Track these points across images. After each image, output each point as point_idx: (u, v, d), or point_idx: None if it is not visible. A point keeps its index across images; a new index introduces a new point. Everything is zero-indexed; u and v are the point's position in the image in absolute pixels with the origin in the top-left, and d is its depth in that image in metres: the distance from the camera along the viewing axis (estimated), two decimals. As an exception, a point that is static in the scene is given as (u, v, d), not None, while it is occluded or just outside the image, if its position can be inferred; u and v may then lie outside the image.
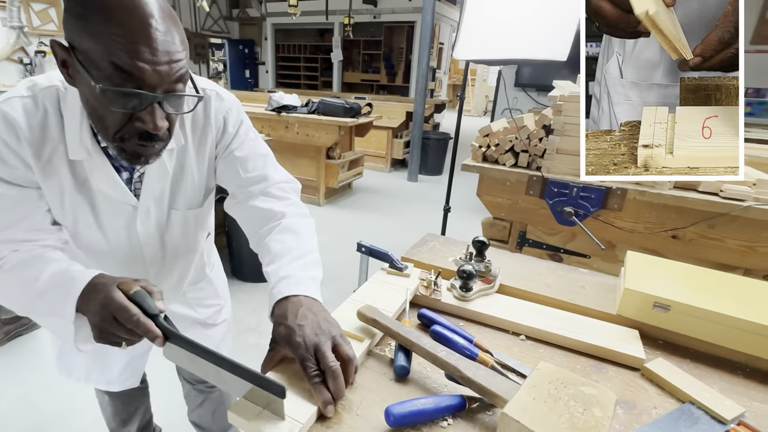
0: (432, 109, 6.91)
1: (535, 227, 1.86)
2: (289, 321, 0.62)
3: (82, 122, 0.70)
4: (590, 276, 1.00)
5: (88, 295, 0.62)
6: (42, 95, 0.69)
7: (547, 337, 0.78)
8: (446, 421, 0.58)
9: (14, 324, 1.99)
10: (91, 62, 0.57)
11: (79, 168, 0.73)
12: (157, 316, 0.60)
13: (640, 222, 1.59)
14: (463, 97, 2.59)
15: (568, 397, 0.52)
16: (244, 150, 0.87)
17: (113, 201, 0.78)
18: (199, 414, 1.22)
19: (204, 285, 1.08)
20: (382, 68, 10.33)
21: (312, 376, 0.57)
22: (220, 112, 0.84)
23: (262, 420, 0.54)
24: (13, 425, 1.57)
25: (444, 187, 2.90)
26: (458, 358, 0.62)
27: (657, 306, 0.77)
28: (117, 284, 0.61)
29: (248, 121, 0.90)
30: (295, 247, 0.77)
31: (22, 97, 0.68)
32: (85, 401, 1.68)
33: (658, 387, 0.68)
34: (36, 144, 0.69)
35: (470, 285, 0.88)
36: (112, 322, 0.59)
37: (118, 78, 0.56)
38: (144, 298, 0.60)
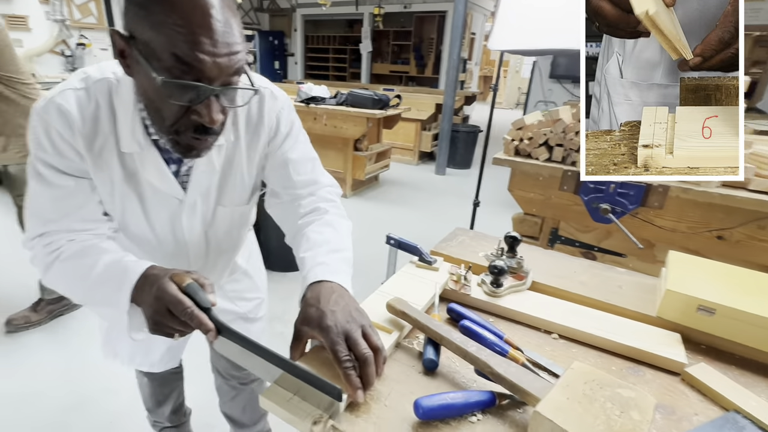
0: (462, 101, 6.79)
1: (568, 224, 1.81)
2: (321, 305, 0.63)
3: (134, 115, 0.70)
4: (628, 276, 0.96)
5: (142, 287, 0.64)
6: (95, 87, 0.70)
7: (580, 336, 0.76)
8: (475, 416, 0.57)
9: (57, 304, 2.11)
10: (151, 53, 0.57)
11: (128, 160, 0.74)
12: (210, 309, 0.61)
13: (682, 221, 1.52)
14: (496, 88, 2.53)
15: (605, 399, 0.50)
16: (296, 152, 0.87)
17: (161, 194, 0.78)
18: (230, 407, 1.25)
19: (240, 276, 1.09)
20: (411, 59, 10.21)
21: (343, 360, 0.57)
22: (274, 111, 0.83)
23: (293, 404, 0.56)
24: (53, 402, 1.67)
25: (472, 181, 2.86)
26: (489, 354, 0.62)
27: (701, 309, 0.74)
28: (170, 276, 0.63)
29: (299, 122, 0.90)
30: (333, 240, 0.78)
31: (76, 90, 0.69)
32: (122, 382, 1.77)
33: (699, 393, 0.65)
34: (88, 136, 0.70)
35: (501, 281, 0.86)
36: (166, 315, 0.60)
37: (178, 70, 0.56)
38: (196, 291, 0.61)
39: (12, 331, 2.03)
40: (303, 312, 0.64)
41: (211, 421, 1.62)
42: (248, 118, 0.81)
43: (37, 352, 1.94)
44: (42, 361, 1.89)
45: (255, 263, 1.15)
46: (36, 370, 1.83)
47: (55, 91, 0.69)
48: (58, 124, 0.67)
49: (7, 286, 2.37)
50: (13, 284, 2.38)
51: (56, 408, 1.65)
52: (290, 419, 0.55)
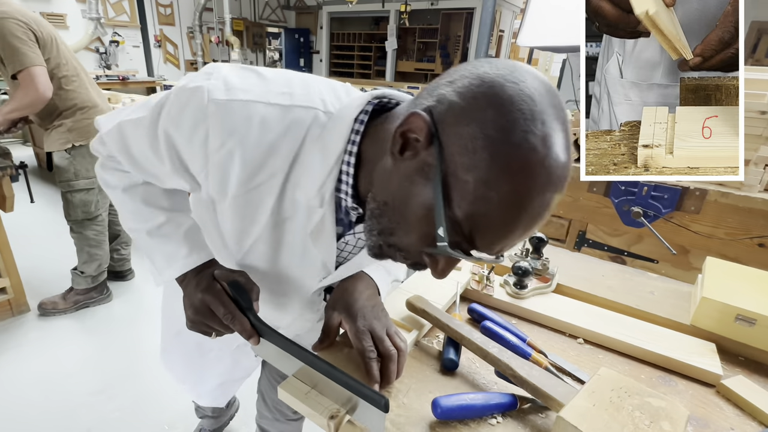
0: (488, 100, 6.69)
1: (597, 227, 1.75)
2: (355, 294, 0.63)
3: (334, 167, 0.53)
4: (660, 281, 0.92)
5: (191, 279, 0.62)
6: (295, 113, 0.53)
7: (608, 342, 0.73)
8: (495, 418, 0.56)
9: (84, 296, 2.21)
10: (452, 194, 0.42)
11: (288, 206, 0.58)
12: (251, 309, 0.58)
13: (720, 227, 1.44)
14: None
15: (633, 407, 0.48)
16: None
17: (309, 256, 0.64)
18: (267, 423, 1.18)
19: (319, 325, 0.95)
20: (437, 57, 10.12)
21: (367, 350, 0.57)
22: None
23: (311, 398, 0.56)
24: (78, 385, 1.75)
25: (498, 180, 2.80)
26: (511, 356, 0.60)
27: (740, 319, 0.70)
28: (216, 274, 0.60)
29: None
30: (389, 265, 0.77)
31: (271, 105, 0.52)
32: (144, 368, 1.84)
33: (736, 407, 0.61)
34: (253, 166, 0.53)
35: (525, 282, 0.84)
36: (207, 314, 0.58)
37: (463, 243, 0.44)
38: (240, 289, 0.59)
39: (42, 315, 2.13)
40: (336, 295, 0.64)
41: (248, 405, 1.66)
42: None
43: (67, 337, 2.03)
44: (71, 346, 1.97)
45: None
46: (65, 354, 1.92)
47: (244, 92, 0.52)
48: (214, 132, 0.51)
49: (44, 273, 2.49)
50: (50, 271, 2.51)
51: (83, 390, 1.72)
52: (308, 412, 0.55)
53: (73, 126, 1.90)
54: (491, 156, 0.39)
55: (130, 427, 1.57)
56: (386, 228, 0.49)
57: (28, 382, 1.74)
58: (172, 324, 0.95)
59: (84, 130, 1.92)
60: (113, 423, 1.59)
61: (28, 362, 1.85)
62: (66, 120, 1.90)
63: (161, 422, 1.60)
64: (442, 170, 0.42)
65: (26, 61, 1.67)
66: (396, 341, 0.60)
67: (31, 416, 1.59)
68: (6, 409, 1.61)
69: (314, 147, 0.53)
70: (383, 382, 0.58)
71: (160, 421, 1.60)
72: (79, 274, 2.15)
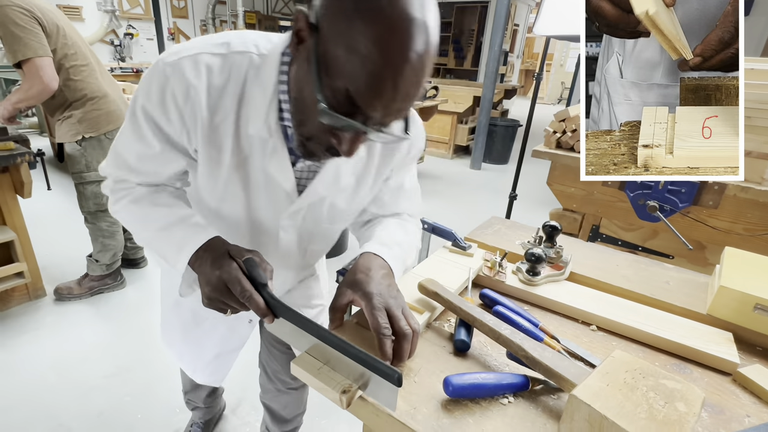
0: (501, 95, 6.62)
1: (611, 221, 1.73)
2: (371, 273, 0.64)
3: (273, 97, 0.62)
4: (676, 272, 0.91)
5: (202, 257, 0.63)
6: (233, 59, 0.62)
7: (622, 329, 0.72)
8: (507, 398, 0.56)
9: (98, 282, 2.25)
10: (328, 67, 0.49)
11: (245, 144, 0.67)
12: (266, 286, 0.60)
13: (739, 222, 1.41)
14: (540, 77, 2.43)
15: (647, 388, 0.48)
16: (408, 181, 0.84)
17: (272, 186, 0.71)
18: (270, 399, 1.23)
19: (312, 283, 1.02)
20: (450, 51, 10.04)
21: (382, 326, 0.57)
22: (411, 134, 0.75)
23: (324, 373, 0.56)
24: (92, 369, 1.79)
25: (509, 177, 2.79)
26: (523, 338, 0.60)
27: (758, 308, 0.68)
28: (230, 252, 0.62)
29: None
30: (398, 234, 0.78)
31: (212, 54, 0.62)
32: (156, 355, 1.87)
33: (752, 395, 0.60)
34: (209, 108, 0.63)
35: (538, 269, 0.84)
36: (224, 292, 0.59)
37: (345, 106, 0.50)
38: (254, 266, 0.60)
39: (58, 300, 2.18)
40: (351, 275, 0.65)
41: (245, 395, 1.68)
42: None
43: (82, 321, 2.08)
44: (86, 330, 2.02)
45: (323, 268, 1.09)
46: (80, 338, 1.96)
47: (189, 50, 0.62)
48: (177, 87, 0.61)
49: (60, 259, 2.55)
50: (66, 258, 2.56)
51: (97, 373, 1.76)
52: (320, 387, 0.55)
53: (83, 117, 1.89)
54: (354, 22, 0.46)
55: (142, 410, 1.61)
56: (298, 121, 0.59)
57: (44, 365, 1.78)
58: (170, 295, 0.99)
59: (94, 121, 1.91)
60: (126, 406, 1.62)
61: (44, 345, 1.90)
62: (75, 111, 1.89)
63: (172, 406, 1.62)
64: (317, 50, 0.50)
65: (29, 51, 1.65)
66: (410, 321, 0.61)
67: (47, 398, 1.63)
68: (23, 390, 1.66)
69: (254, 85, 0.62)
70: (396, 359, 0.58)
71: (171, 405, 1.63)
72: (94, 261, 2.19)
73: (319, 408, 1.63)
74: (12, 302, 2.11)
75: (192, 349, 1.03)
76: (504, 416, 0.54)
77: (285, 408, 1.23)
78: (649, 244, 1.67)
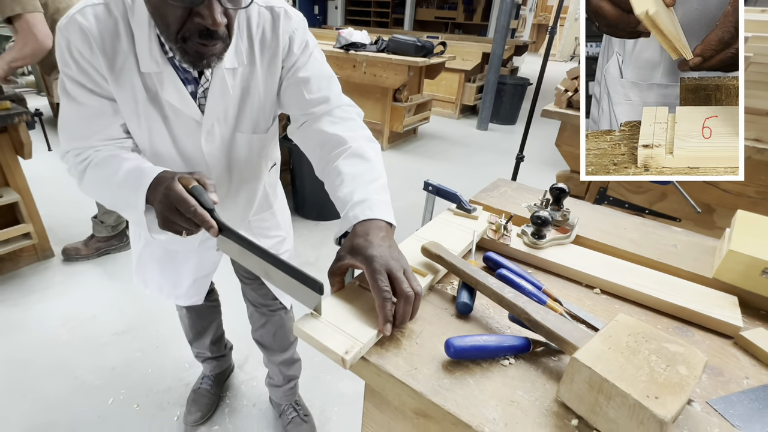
0: (512, 51, 6.37)
1: (619, 183, 1.70)
2: (370, 237, 0.63)
3: (150, 34, 0.71)
4: (684, 235, 0.89)
5: (155, 188, 0.69)
6: (113, 3, 0.70)
7: (625, 292, 0.72)
8: (507, 360, 0.57)
9: (104, 243, 2.28)
10: None
11: (149, 80, 0.75)
12: (213, 210, 0.67)
13: (751, 185, 1.38)
14: (554, 32, 2.30)
15: (649, 352, 0.48)
16: (309, 70, 0.84)
17: (181, 114, 0.79)
18: (261, 333, 1.32)
19: (268, 216, 1.12)
20: (459, 4, 9.56)
21: (383, 290, 0.57)
22: (287, 31, 0.81)
23: (326, 334, 0.56)
24: (105, 325, 1.85)
25: (516, 138, 2.73)
26: (526, 301, 0.59)
27: (766, 272, 0.67)
28: (177, 177, 0.68)
29: (314, 40, 0.87)
30: (366, 171, 0.75)
31: (95, 5, 0.70)
32: (164, 313, 1.92)
33: (753, 358, 0.60)
34: (109, 53, 0.71)
35: (543, 232, 0.82)
36: (174, 212, 0.66)
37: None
38: (201, 193, 0.67)
39: (66, 260, 2.22)
40: (350, 241, 0.64)
41: (251, 352, 1.74)
42: (262, 41, 0.80)
43: (90, 281, 2.12)
44: (94, 290, 2.07)
45: (280, 203, 1.17)
46: (89, 297, 2.01)
47: (76, 7, 0.70)
48: (78, 42, 0.69)
49: (66, 219, 2.57)
50: (71, 218, 2.58)
51: (108, 331, 1.82)
52: (322, 348, 0.56)
53: None
54: None
55: (152, 365, 1.67)
56: (163, 26, 0.66)
57: (56, 322, 1.84)
58: (140, 237, 1.08)
59: None
60: (137, 361, 1.68)
61: (55, 304, 1.95)
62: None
63: (182, 360, 1.69)
64: None
65: (16, 6, 1.57)
66: (412, 283, 0.60)
67: (60, 352, 1.70)
68: (38, 346, 1.72)
69: (135, 25, 0.70)
70: (398, 321, 0.58)
71: (180, 360, 1.69)
72: (100, 222, 2.21)
73: (323, 364, 1.69)
74: (21, 262, 2.15)
75: (171, 279, 1.12)
76: (504, 377, 0.54)
77: (274, 339, 1.32)
78: (657, 207, 1.64)
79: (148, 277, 1.13)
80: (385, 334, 0.57)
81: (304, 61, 0.84)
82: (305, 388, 1.57)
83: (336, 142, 0.80)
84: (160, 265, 1.10)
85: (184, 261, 1.09)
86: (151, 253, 1.09)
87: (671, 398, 0.42)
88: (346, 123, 0.83)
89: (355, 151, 0.78)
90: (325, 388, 1.62)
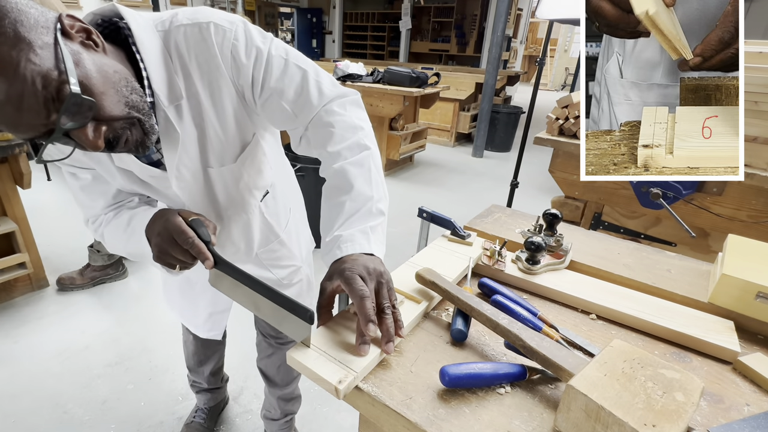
0: (504, 81, 6.55)
1: (613, 208, 1.72)
2: (350, 260, 0.62)
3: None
4: (678, 260, 0.90)
5: (155, 221, 0.70)
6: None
7: (621, 318, 0.72)
8: (504, 388, 0.56)
9: (100, 272, 2.26)
10: None
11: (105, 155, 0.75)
12: (210, 243, 0.67)
13: (743, 209, 1.40)
14: (543, 62, 2.38)
15: (645, 378, 0.47)
16: (274, 77, 0.73)
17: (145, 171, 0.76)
18: (266, 363, 1.30)
19: (276, 246, 1.05)
20: (452, 37, 9.91)
21: (358, 289, 0.58)
22: (224, 46, 0.68)
23: (319, 363, 0.56)
24: (95, 357, 1.81)
25: (511, 165, 2.77)
26: (521, 327, 0.59)
27: (760, 296, 0.67)
28: (178, 212, 0.69)
29: (266, 38, 0.73)
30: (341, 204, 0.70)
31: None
32: (158, 344, 1.88)
33: (753, 384, 0.60)
34: None
35: (537, 258, 0.83)
36: (171, 243, 0.66)
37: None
38: (199, 225, 0.68)
39: (61, 290, 2.19)
40: (331, 269, 0.64)
41: (247, 384, 1.70)
42: (198, 64, 0.69)
43: (84, 311, 2.09)
44: (88, 320, 2.03)
45: (292, 233, 1.10)
46: (83, 327, 1.97)
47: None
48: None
49: (62, 249, 2.56)
50: (67, 248, 2.57)
51: (101, 362, 1.77)
52: (316, 378, 0.55)
53: None
54: None
55: (144, 398, 1.62)
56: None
57: (48, 354, 1.80)
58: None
59: None
60: (129, 394, 1.64)
61: (48, 334, 1.91)
62: None
63: (174, 393, 1.64)
64: None
65: None
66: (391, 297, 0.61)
67: (51, 385, 1.65)
68: (28, 379, 1.68)
69: None
70: (384, 338, 0.58)
71: (173, 392, 1.65)
72: (96, 251, 2.20)
73: (319, 396, 1.65)
74: (15, 292, 2.13)
75: (190, 309, 1.14)
76: (500, 406, 0.53)
77: (278, 371, 1.29)
78: (651, 231, 1.65)
79: (173, 301, 1.18)
80: (369, 336, 0.57)
81: (262, 69, 0.72)
82: (302, 421, 1.52)
83: (322, 167, 0.76)
84: (180, 292, 1.13)
85: (202, 293, 1.09)
86: (174, 278, 1.03)
87: (669, 426, 0.42)
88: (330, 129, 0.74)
89: (332, 183, 0.73)
90: (322, 421, 1.58)
